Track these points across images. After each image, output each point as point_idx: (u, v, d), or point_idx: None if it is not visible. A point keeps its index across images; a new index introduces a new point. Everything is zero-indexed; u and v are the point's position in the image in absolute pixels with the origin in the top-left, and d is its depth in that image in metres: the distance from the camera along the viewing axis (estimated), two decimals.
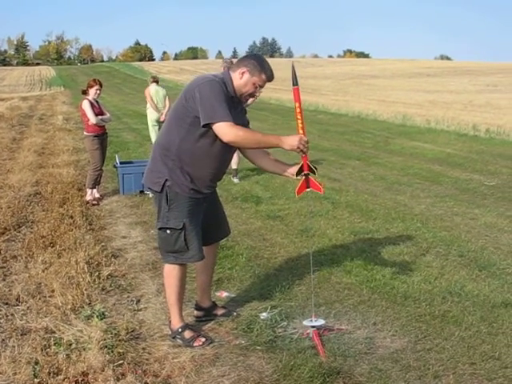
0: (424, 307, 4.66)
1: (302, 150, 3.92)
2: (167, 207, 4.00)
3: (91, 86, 8.84)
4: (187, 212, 4.01)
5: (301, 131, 3.98)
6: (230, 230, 4.71)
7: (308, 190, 4.15)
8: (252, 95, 4.12)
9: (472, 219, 7.59)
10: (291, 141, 3.89)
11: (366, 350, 3.97)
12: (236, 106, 4.04)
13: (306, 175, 4.10)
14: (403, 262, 5.74)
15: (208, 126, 3.84)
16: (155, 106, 12.57)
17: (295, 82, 3.99)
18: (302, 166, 4.07)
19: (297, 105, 4.00)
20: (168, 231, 4.03)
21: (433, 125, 20.39)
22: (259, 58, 4.08)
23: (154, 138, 12.25)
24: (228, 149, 4.02)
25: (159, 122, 12.36)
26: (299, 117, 4.00)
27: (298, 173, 4.10)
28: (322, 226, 7.12)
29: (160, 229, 4.09)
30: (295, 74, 4.00)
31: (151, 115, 12.78)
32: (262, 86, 4.08)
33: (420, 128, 19.96)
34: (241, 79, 3.99)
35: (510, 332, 4.21)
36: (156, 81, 13.13)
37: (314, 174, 4.13)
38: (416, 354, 3.91)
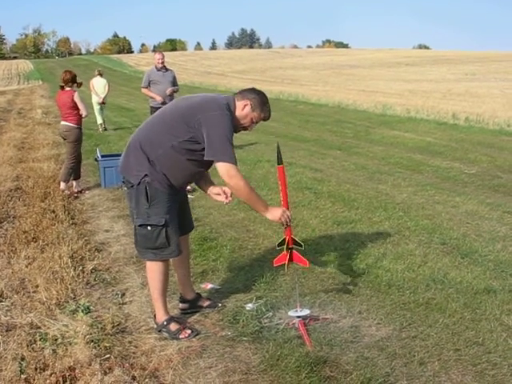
0: (408, 295, 4.71)
1: (283, 223, 4.05)
2: (147, 204, 3.96)
3: (76, 79, 8.91)
4: (167, 208, 4.01)
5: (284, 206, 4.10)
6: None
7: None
8: (245, 128, 4.17)
9: (453, 207, 7.65)
10: (275, 212, 4.02)
11: (351, 339, 4.01)
12: None
13: (291, 249, 4.21)
14: (386, 251, 5.79)
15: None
16: (96, 92, 17.51)
17: (280, 162, 4.07)
18: (287, 239, 4.18)
19: (279, 182, 4.12)
20: (149, 228, 4.00)
21: (413, 114, 20.49)
22: (264, 97, 4.17)
23: (98, 116, 17.65)
24: (206, 167, 4.15)
25: (100, 104, 17.56)
26: (282, 194, 4.11)
27: (280, 244, 4.24)
28: (304, 216, 7.14)
29: (140, 225, 4.04)
30: (280, 155, 4.07)
31: (93, 99, 17.70)
32: (257, 123, 4.17)
33: (400, 117, 20.05)
34: (242, 110, 4.06)
35: (492, 318, 4.27)
36: (100, 74, 17.86)
37: (299, 246, 4.25)
38: (401, 342, 3.95)
